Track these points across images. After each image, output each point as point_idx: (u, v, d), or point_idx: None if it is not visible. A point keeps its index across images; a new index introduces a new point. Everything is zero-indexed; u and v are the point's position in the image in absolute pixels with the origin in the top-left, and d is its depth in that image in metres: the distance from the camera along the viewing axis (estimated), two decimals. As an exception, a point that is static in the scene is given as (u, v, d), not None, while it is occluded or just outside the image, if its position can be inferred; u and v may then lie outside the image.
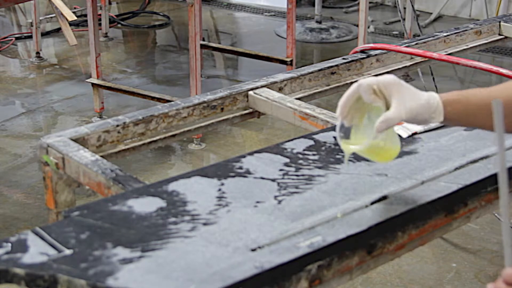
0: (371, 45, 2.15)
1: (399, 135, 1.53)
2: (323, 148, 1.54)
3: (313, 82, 2.02)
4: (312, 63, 3.41)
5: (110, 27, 5.77)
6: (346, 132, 1.34)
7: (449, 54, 2.30)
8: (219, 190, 1.37)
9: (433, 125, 1.63)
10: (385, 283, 2.76)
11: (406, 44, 2.22)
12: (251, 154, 1.51)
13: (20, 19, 6.30)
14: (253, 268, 1.14)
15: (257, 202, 1.33)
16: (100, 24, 5.07)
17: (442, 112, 1.29)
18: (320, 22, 5.87)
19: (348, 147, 1.34)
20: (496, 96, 1.31)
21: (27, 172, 3.64)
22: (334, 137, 1.58)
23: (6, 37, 5.62)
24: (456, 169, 1.46)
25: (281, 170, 1.45)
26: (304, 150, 1.53)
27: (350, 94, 1.31)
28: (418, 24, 4.62)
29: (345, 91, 1.32)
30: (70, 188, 1.62)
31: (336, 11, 6.41)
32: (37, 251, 1.18)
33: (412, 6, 4.68)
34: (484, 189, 1.43)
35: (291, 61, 4.16)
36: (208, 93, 1.86)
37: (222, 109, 1.86)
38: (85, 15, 4.26)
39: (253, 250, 1.19)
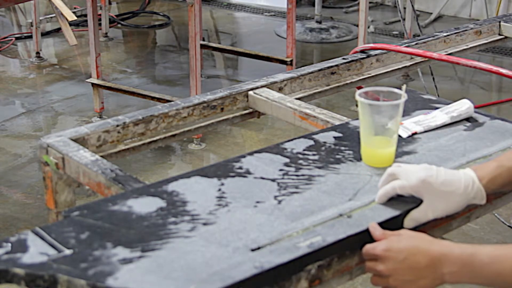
0: (371, 45, 2.14)
1: (399, 135, 1.53)
2: (323, 148, 1.54)
3: (313, 82, 2.02)
4: (312, 63, 3.40)
5: (110, 27, 5.77)
6: None
7: (449, 54, 2.30)
8: (219, 190, 1.37)
9: (433, 125, 1.63)
10: (385, 283, 2.75)
11: (406, 44, 2.22)
12: (251, 154, 1.51)
13: (20, 19, 6.30)
14: (253, 268, 1.14)
15: (257, 202, 1.33)
16: (100, 24, 5.07)
17: (484, 196, 1.33)
18: (320, 22, 5.87)
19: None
20: None
21: (27, 172, 3.64)
22: (334, 137, 1.58)
23: (6, 37, 5.62)
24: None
25: (281, 170, 1.45)
26: (304, 150, 1.53)
27: (387, 193, 1.32)
28: (418, 24, 4.62)
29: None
30: (70, 188, 1.62)
31: (336, 11, 6.41)
32: (37, 251, 1.17)
33: (412, 6, 4.68)
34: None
35: (291, 61, 4.16)
36: (208, 93, 1.86)
37: (222, 109, 1.86)
38: (85, 15, 4.26)
39: (253, 250, 1.19)
